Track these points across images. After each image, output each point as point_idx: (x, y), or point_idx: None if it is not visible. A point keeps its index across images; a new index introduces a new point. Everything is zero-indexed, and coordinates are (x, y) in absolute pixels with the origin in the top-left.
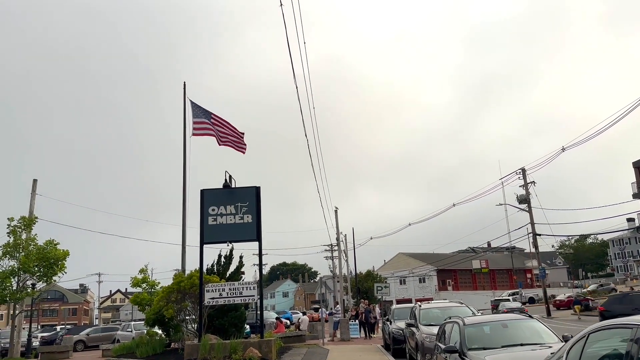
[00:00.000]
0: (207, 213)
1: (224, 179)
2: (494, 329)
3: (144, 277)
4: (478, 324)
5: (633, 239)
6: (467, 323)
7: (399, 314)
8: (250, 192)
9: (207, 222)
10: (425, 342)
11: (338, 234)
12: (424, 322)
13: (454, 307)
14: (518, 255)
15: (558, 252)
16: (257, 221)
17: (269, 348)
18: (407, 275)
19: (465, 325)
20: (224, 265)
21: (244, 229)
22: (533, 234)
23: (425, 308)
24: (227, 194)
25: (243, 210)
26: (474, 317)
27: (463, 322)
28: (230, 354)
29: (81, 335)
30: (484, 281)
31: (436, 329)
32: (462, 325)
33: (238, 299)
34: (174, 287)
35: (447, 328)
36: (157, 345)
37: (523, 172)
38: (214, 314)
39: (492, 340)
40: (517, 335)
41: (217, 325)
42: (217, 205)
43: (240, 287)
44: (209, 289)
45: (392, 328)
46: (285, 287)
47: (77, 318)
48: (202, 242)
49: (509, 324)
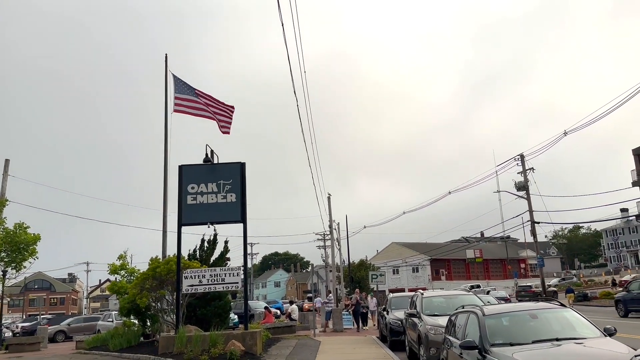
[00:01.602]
0: (186, 191)
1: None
2: (520, 321)
3: (122, 263)
4: (500, 314)
5: (626, 229)
6: (487, 313)
7: (397, 304)
8: (234, 168)
9: (185, 202)
10: (430, 334)
11: (331, 220)
12: (427, 312)
13: (460, 295)
14: (512, 245)
15: (551, 242)
16: (241, 201)
17: (254, 341)
18: (400, 265)
19: (485, 315)
20: (207, 250)
21: (227, 209)
22: (531, 221)
23: (428, 297)
24: (208, 170)
25: (226, 189)
26: (495, 307)
27: (482, 312)
28: (210, 347)
29: (62, 326)
30: (478, 271)
31: (442, 320)
32: (481, 316)
33: (220, 287)
34: (149, 273)
35: (459, 319)
36: (132, 336)
37: (522, 158)
38: (195, 303)
39: (520, 334)
40: (549, 328)
41: (199, 316)
42: (197, 182)
43: (223, 274)
44: (188, 276)
45: (389, 318)
46: (277, 276)
47: (65, 307)
48: (180, 224)
49: (539, 314)
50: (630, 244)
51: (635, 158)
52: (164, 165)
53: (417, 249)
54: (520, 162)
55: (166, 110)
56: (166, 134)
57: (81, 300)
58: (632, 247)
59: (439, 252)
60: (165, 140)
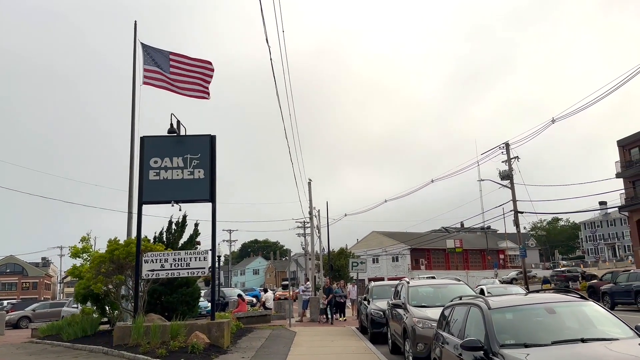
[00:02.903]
0: (149, 166)
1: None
2: (535, 317)
3: (84, 246)
4: (510, 307)
5: (605, 222)
6: (493, 306)
7: (379, 293)
8: (202, 141)
9: (147, 177)
10: (417, 327)
11: (311, 207)
12: (413, 303)
13: (450, 285)
14: (491, 236)
15: (530, 234)
16: (210, 177)
17: (221, 332)
18: (380, 254)
19: (491, 309)
20: (174, 233)
21: (194, 187)
22: (514, 211)
23: (414, 286)
24: (174, 143)
25: (194, 164)
26: (502, 299)
27: (487, 305)
28: (171, 338)
29: (26, 311)
30: (457, 261)
31: (430, 312)
32: (486, 310)
33: (184, 272)
34: (106, 256)
35: (457, 313)
36: (89, 325)
37: (507, 146)
38: (161, 289)
39: (535, 332)
40: (571, 326)
41: (164, 303)
42: (161, 156)
43: (188, 258)
44: (148, 259)
45: (370, 309)
46: (255, 264)
47: (38, 292)
48: (141, 202)
49: (557, 308)
50: (608, 237)
51: (619, 149)
52: (131, 139)
53: (398, 238)
54: (505, 150)
55: (134, 81)
56: (134, 105)
57: (55, 285)
58: (609, 240)
59: (419, 242)
60: (132, 112)
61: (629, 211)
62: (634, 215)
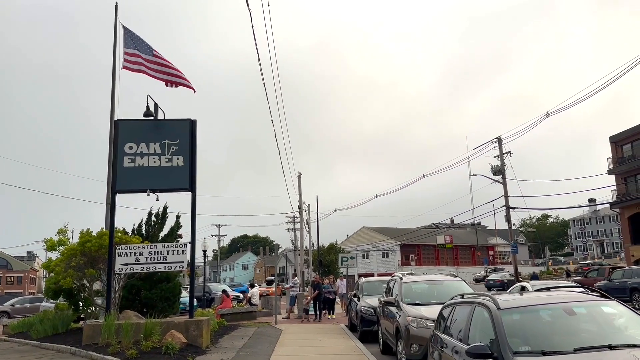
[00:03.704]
0: (123, 152)
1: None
2: (552, 318)
3: (60, 239)
4: (522, 308)
5: (594, 219)
6: (502, 306)
7: (369, 289)
8: (182, 126)
9: (121, 164)
10: (411, 327)
11: (300, 201)
12: (407, 301)
13: (446, 281)
14: (481, 232)
15: (520, 231)
16: (190, 165)
17: (199, 331)
18: (370, 249)
19: (500, 310)
20: (154, 225)
21: (172, 175)
22: (506, 206)
23: (408, 282)
24: (151, 127)
25: (172, 150)
26: (511, 298)
27: (496, 305)
28: (144, 338)
29: (5, 306)
30: (447, 257)
31: (426, 310)
32: (494, 311)
33: (161, 266)
34: (77, 248)
35: (458, 313)
36: (61, 322)
37: (499, 141)
38: (139, 284)
39: (554, 338)
40: (594, 330)
41: (143, 299)
42: (136, 142)
43: (165, 251)
44: (122, 252)
45: (360, 306)
46: (245, 259)
47: (22, 287)
48: (114, 190)
49: (577, 308)
50: (597, 234)
51: (611, 146)
52: (110, 126)
53: (388, 234)
54: (498, 145)
55: (114, 65)
56: (113, 90)
57: (41, 280)
58: (598, 237)
59: (409, 238)
60: (112, 97)
61: (621, 207)
62: (625, 212)
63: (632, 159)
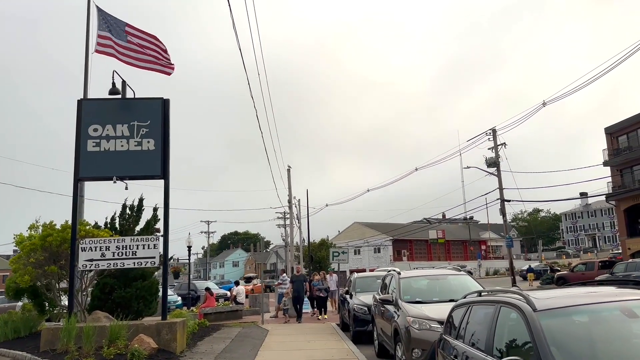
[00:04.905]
0: (87, 134)
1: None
2: (606, 324)
3: (31, 234)
4: (566, 309)
5: (585, 213)
6: (539, 307)
7: (362, 286)
8: (153, 106)
9: (85, 149)
10: (413, 329)
11: (290, 195)
12: (406, 298)
13: (450, 276)
14: (473, 227)
15: (512, 225)
16: (163, 149)
17: (172, 334)
18: (362, 245)
19: (537, 311)
20: (129, 219)
21: (142, 160)
22: (501, 199)
23: (406, 277)
24: (118, 107)
25: (142, 133)
26: (549, 295)
27: (531, 306)
28: (109, 343)
29: None
30: (440, 252)
31: (428, 309)
32: (530, 313)
33: (130, 262)
34: (37, 243)
35: (475, 314)
36: (23, 325)
37: (493, 132)
38: (113, 283)
39: (615, 351)
40: None
41: (117, 299)
42: (102, 123)
43: (134, 245)
44: (86, 247)
45: (353, 304)
46: (235, 256)
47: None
48: (77, 178)
49: (636, 309)
50: (589, 228)
51: (607, 137)
52: None
53: (380, 229)
54: (492, 136)
55: (87, 48)
56: (86, 74)
57: None
58: (590, 230)
59: (401, 233)
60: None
61: (616, 200)
62: (621, 204)
63: (628, 150)
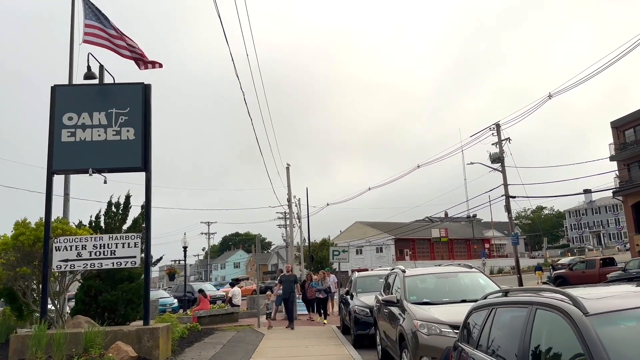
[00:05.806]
0: (61, 123)
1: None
2: None
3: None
4: (626, 312)
5: (589, 210)
6: (592, 311)
7: (364, 286)
8: (133, 92)
9: (59, 139)
10: (420, 334)
11: (290, 194)
12: (412, 299)
13: (461, 273)
14: (476, 225)
15: (515, 223)
16: (144, 139)
17: (154, 341)
18: (364, 244)
19: (588, 315)
20: (115, 217)
21: (121, 150)
22: (506, 195)
23: (411, 276)
24: (95, 93)
25: (121, 121)
26: (601, 293)
27: (581, 309)
28: (83, 352)
29: None
30: (442, 250)
31: (437, 311)
32: (580, 318)
33: (108, 262)
34: (9, 242)
35: (500, 318)
36: (1, 330)
37: (497, 127)
38: (98, 285)
39: None
40: None
41: (102, 303)
42: (77, 111)
43: (112, 244)
44: (60, 246)
45: (354, 305)
46: (236, 257)
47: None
48: (51, 170)
49: None
50: (593, 225)
51: (613, 131)
52: None
53: (381, 229)
54: (496, 131)
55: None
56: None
57: None
58: (594, 228)
59: (404, 232)
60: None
61: (624, 195)
62: (628, 200)
63: (635, 144)
